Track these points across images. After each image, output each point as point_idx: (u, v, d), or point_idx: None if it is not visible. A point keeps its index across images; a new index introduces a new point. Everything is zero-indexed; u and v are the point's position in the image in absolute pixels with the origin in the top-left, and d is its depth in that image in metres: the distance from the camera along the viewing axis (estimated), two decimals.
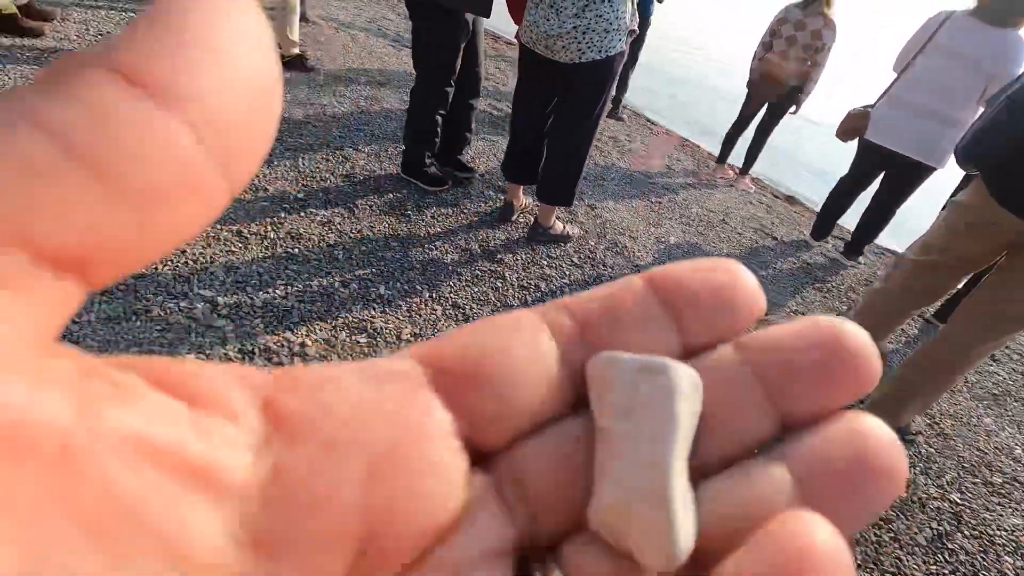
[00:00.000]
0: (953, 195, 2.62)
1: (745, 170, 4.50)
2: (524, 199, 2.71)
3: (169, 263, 1.85)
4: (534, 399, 0.14)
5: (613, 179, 3.60)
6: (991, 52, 2.52)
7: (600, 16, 1.96)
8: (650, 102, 6.52)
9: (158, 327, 1.62)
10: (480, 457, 0.14)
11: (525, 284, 2.27)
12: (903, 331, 2.84)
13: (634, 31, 2.07)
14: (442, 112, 2.54)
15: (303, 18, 4.59)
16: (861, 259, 3.61)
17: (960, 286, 2.05)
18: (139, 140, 0.09)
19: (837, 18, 3.66)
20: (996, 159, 1.51)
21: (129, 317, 1.62)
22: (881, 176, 3.17)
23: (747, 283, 0.15)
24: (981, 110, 2.55)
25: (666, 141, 5.17)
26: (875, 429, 0.14)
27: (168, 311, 1.68)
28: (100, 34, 3.29)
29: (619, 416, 0.14)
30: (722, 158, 4.54)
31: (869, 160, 3.12)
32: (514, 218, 2.65)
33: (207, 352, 1.59)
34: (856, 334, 0.14)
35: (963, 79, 2.63)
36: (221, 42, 0.10)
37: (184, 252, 1.91)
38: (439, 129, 2.59)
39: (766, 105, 4.10)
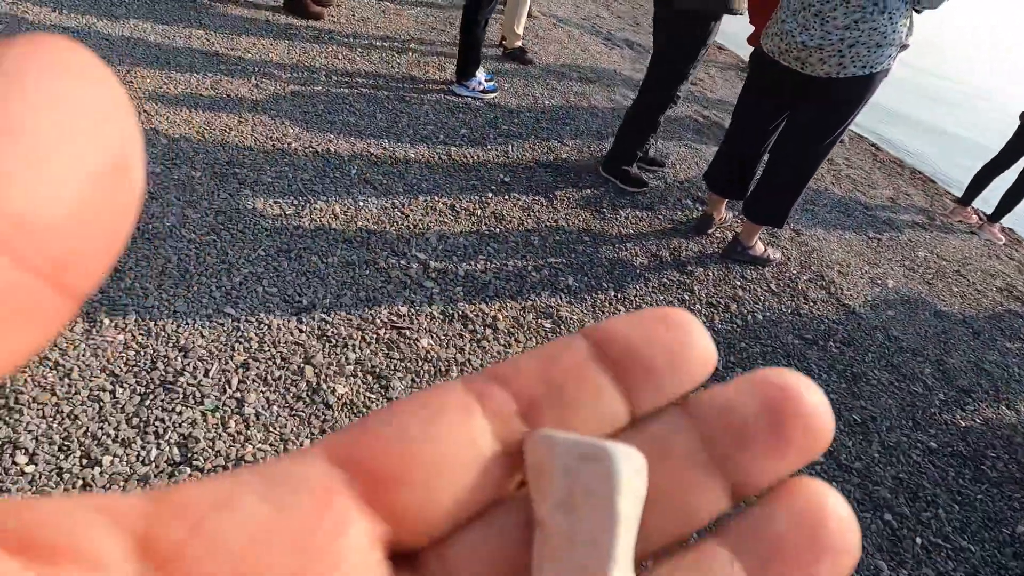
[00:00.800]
0: None
1: (996, 217, 3.75)
2: (725, 213, 2.57)
3: (395, 224, 2.10)
4: (466, 490, 0.12)
5: (825, 205, 3.25)
6: None
7: (875, 29, 1.75)
8: (878, 125, 5.73)
9: (381, 279, 1.85)
10: (409, 556, 0.12)
11: (714, 302, 2.16)
12: None
13: (906, 46, 1.83)
14: (661, 116, 2.52)
15: (529, 13, 4.83)
16: None
17: None
18: None
19: None
20: None
21: (362, 265, 1.87)
22: None
23: (699, 339, 0.14)
24: None
25: (894, 171, 4.51)
26: (829, 504, 0.12)
27: (390, 266, 1.91)
28: (363, 19, 3.81)
29: (557, 508, 0.12)
30: (966, 199, 3.84)
31: None
32: (711, 231, 2.53)
33: (416, 308, 1.78)
34: (807, 390, 0.13)
35: None
36: (45, 125, 0.08)
37: (407, 216, 2.15)
38: (656, 131, 2.58)
39: None
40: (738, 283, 2.30)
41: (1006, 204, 3.65)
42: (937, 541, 1.51)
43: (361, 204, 2.15)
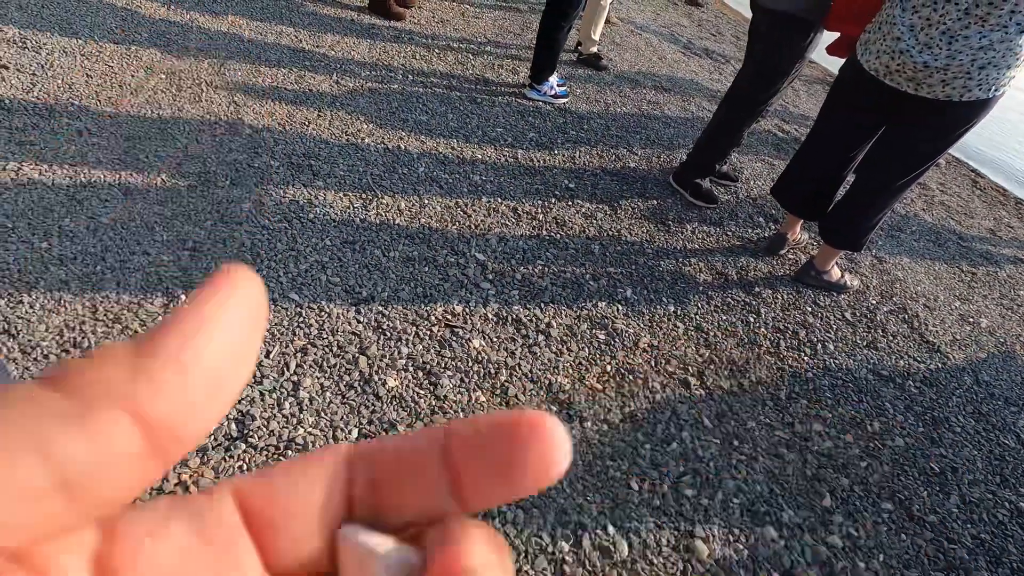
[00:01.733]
0: None
1: None
2: (800, 234, 2.44)
3: (457, 223, 2.12)
4: (314, 555, 0.14)
5: (913, 232, 3.02)
6: None
7: (1010, 50, 1.59)
8: (982, 150, 5.26)
9: (439, 276, 1.87)
10: None
11: (781, 327, 2.05)
12: None
13: None
14: (746, 130, 2.42)
15: (607, 19, 4.78)
16: None
17: None
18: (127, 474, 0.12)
19: None
20: None
21: (421, 261, 1.90)
22: None
23: (547, 448, 0.13)
24: None
25: (996, 200, 4.13)
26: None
27: (449, 264, 1.93)
28: (442, 21, 3.89)
29: None
30: None
31: None
32: (783, 252, 2.40)
33: (471, 308, 1.78)
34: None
35: None
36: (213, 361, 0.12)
37: (469, 216, 2.17)
38: (736, 145, 2.48)
39: None
40: (809, 309, 2.17)
41: None
42: None
43: (426, 201, 2.18)
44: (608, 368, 1.71)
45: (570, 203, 2.42)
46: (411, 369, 1.54)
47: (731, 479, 1.49)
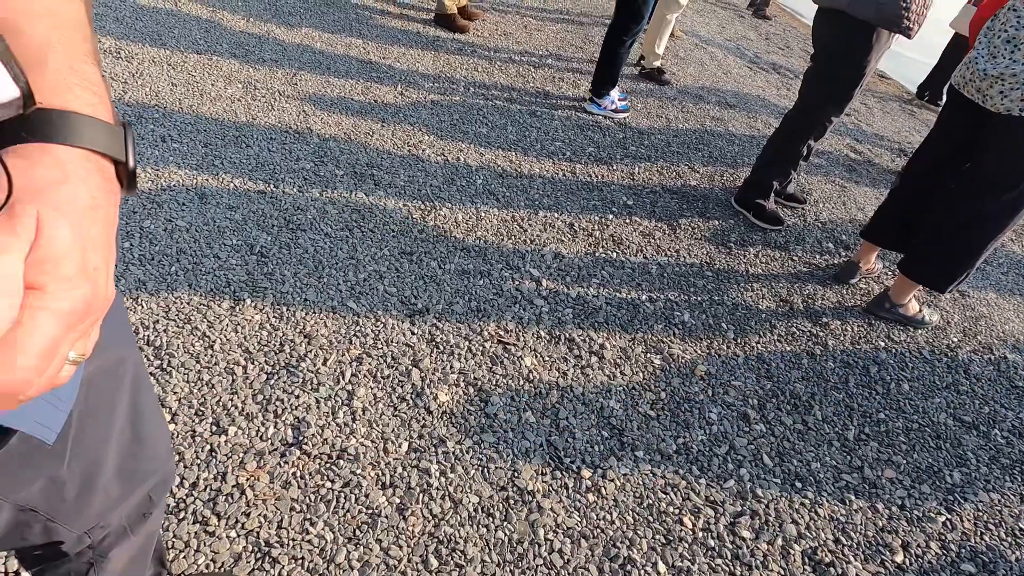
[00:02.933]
0: None
1: None
2: (875, 263, 2.29)
3: (512, 238, 2.11)
4: None
5: (1001, 265, 2.79)
6: None
7: None
8: None
9: (494, 291, 1.86)
10: None
11: (850, 361, 1.93)
12: None
13: None
14: (812, 145, 2.32)
15: (672, 33, 4.70)
16: None
17: None
18: None
19: None
20: None
21: (477, 275, 1.90)
22: None
23: None
24: None
25: None
26: None
27: (503, 279, 1.92)
28: (505, 34, 3.92)
29: None
30: None
31: None
32: (854, 281, 2.27)
33: (524, 325, 1.76)
34: None
35: None
36: None
37: (525, 231, 2.16)
38: (800, 163, 2.37)
39: None
40: (882, 344, 2.03)
41: None
42: None
43: (483, 214, 2.19)
44: (663, 395, 1.66)
45: (628, 221, 2.37)
46: (462, 385, 1.53)
47: (792, 523, 1.40)
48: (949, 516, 1.50)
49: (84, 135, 0.31)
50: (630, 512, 1.34)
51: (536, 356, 1.68)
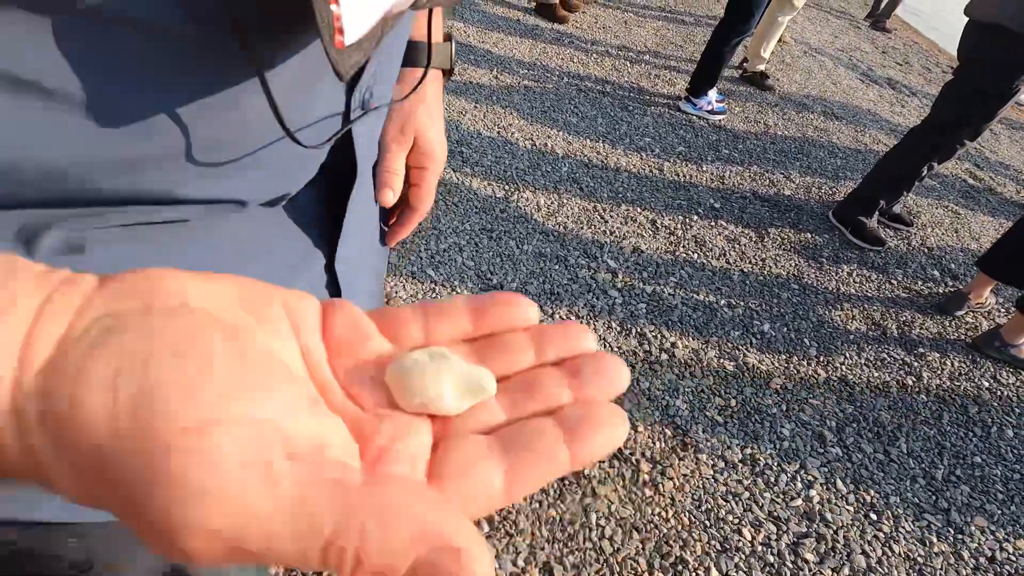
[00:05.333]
0: None
1: None
2: (988, 297, 2.09)
3: (592, 227, 2.09)
4: None
5: None
6: None
7: None
8: None
9: (568, 277, 1.86)
10: None
11: (946, 397, 1.77)
12: None
13: None
14: (935, 166, 2.14)
15: (780, 38, 4.48)
16: None
17: None
18: None
19: None
20: None
21: (553, 259, 1.90)
22: None
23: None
24: None
25: None
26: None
27: (579, 266, 1.91)
28: (604, 27, 3.88)
29: None
30: None
31: None
32: (960, 313, 2.08)
33: (596, 314, 1.75)
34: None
35: None
36: None
37: (606, 222, 2.13)
38: (916, 184, 2.20)
39: None
40: (986, 384, 1.85)
41: None
42: None
43: (565, 201, 2.18)
44: (733, 403, 1.59)
45: (713, 223, 2.29)
46: None
47: (862, 555, 1.31)
48: None
49: (435, 59, 0.47)
50: (687, 513, 1.30)
51: (605, 346, 1.66)
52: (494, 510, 0.18)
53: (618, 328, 1.72)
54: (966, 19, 1.99)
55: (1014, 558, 1.39)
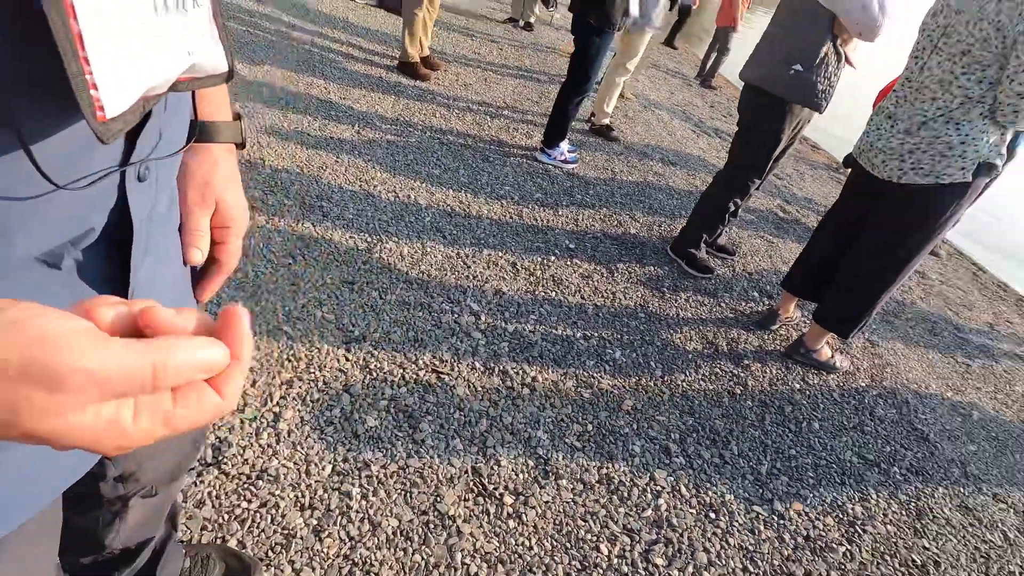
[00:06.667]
0: None
1: None
2: (794, 312, 2.47)
3: (456, 273, 2.18)
4: None
5: (908, 319, 3.04)
6: None
7: (937, 137, 1.71)
8: (985, 245, 5.34)
9: (432, 322, 1.91)
10: None
11: (767, 401, 2.05)
12: None
13: (994, 166, 1.73)
14: (738, 202, 2.51)
15: (621, 94, 5.03)
16: None
17: None
18: None
19: None
20: None
21: (417, 306, 1.95)
22: None
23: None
24: None
25: (996, 295, 4.16)
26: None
27: (443, 311, 1.98)
28: (465, 84, 4.13)
29: None
30: None
31: None
32: (775, 328, 2.43)
33: (459, 356, 1.81)
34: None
35: None
36: None
37: (469, 268, 2.24)
38: (728, 218, 2.56)
39: None
40: (797, 386, 2.17)
41: None
42: None
43: (428, 250, 2.26)
44: (589, 427, 1.72)
45: (569, 263, 2.49)
46: (392, 411, 1.56)
47: (704, 552, 1.46)
48: (849, 547, 1.60)
49: (226, 134, 0.56)
50: (549, 538, 1.38)
51: (469, 386, 1.72)
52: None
53: (481, 368, 1.80)
54: None
55: (824, 533, 1.62)
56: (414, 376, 1.68)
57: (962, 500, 1.89)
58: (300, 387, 1.53)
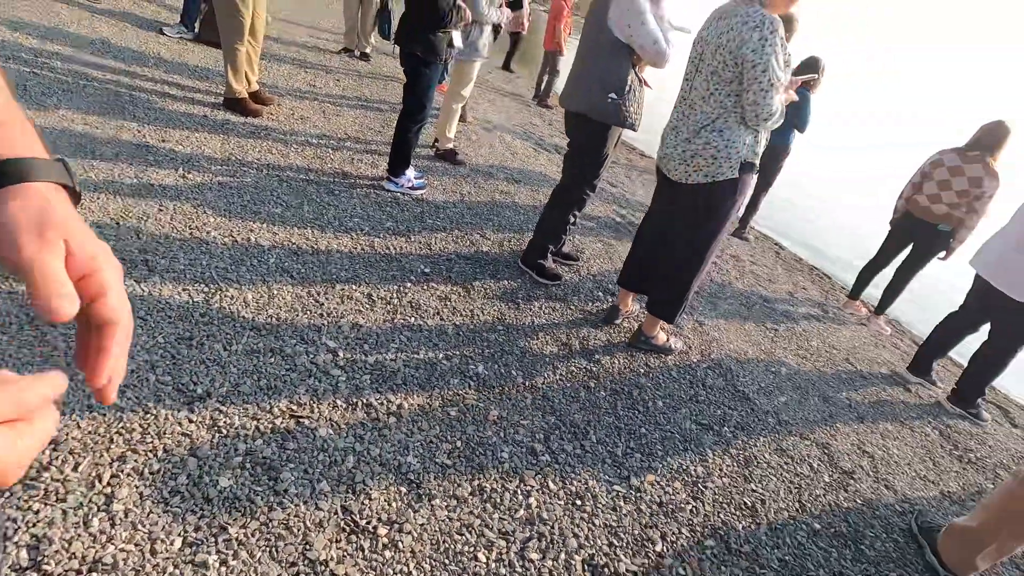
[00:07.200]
0: None
1: (880, 309, 4.16)
2: (632, 305, 2.76)
3: (308, 312, 2.13)
4: None
5: (728, 298, 3.53)
6: None
7: (708, 144, 2.06)
8: (781, 226, 6.36)
9: (286, 366, 1.85)
10: None
11: (618, 389, 2.27)
12: None
13: (753, 163, 2.11)
14: (576, 214, 2.74)
15: (462, 118, 5.23)
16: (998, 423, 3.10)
17: None
18: None
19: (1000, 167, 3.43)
20: None
21: (267, 353, 1.87)
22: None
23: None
24: None
25: (794, 267, 4.97)
26: None
27: (297, 353, 1.92)
28: (302, 118, 4.02)
29: None
30: (855, 293, 4.26)
31: (975, 293, 2.89)
32: (618, 322, 2.69)
33: (319, 397, 1.77)
34: None
35: None
36: None
37: (321, 305, 2.19)
38: (568, 228, 2.79)
39: (911, 245, 3.85)
40: (642, 371, 2.43)
41: (887, 298, 4.06)
42: None
43: (275, 292, 2.17)
44: (459, 444, 1.78)
45: (425, 287, 2.54)
46: (248, 466, 1.48)
47: (573, 537, 1.58)
48: (694, 504, 1.83)
49: (51, 173, 0.43)
50: (427, 559, 1.40)
51: (332, 425, 1.69)
52: None
53: (343, 405, 1.78)
54: None
55: (674, 497, 1.83)
56: (270, 425, 1.62)
57: (778, 444, 2.25)
58: (136, 460, 1.39)
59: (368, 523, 1.44)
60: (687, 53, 2.24)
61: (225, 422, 1.58)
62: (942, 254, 3.68)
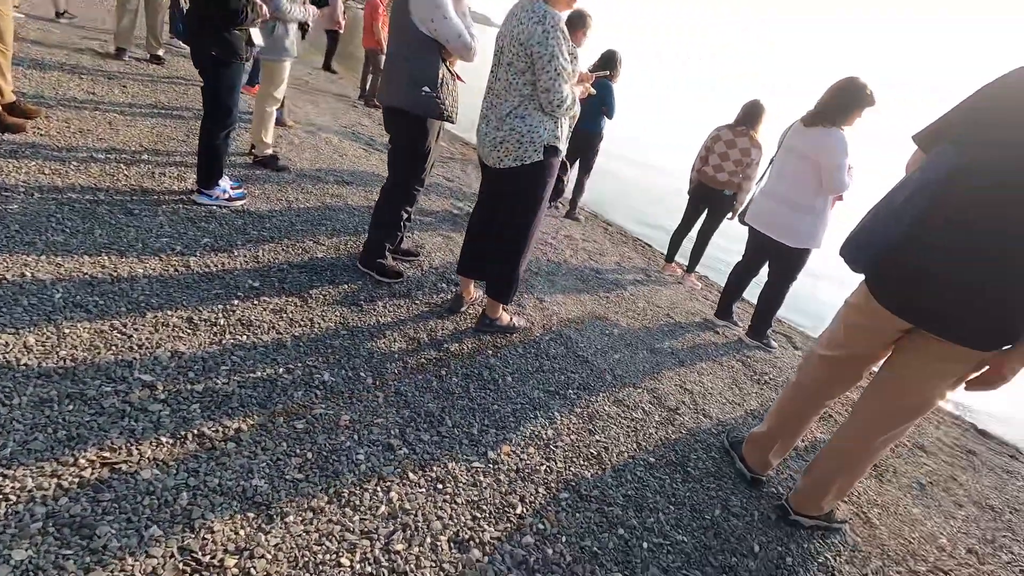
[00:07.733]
0: None
1: (691, 268, 4.80)
2: (475, 292, 2.86)
3: (113, 347, 1.88)
4: None
5: (564, 275, 3.81)
6: (812, 146, 3.01)
7: (513, 129, 2.22)
8: (606, 205, 7.00)
9: (91, 411, 1.62)
10: None
11: (470, 372, 2.35)
12: (834, 419, 2.97)
13: (556, 147, 2.29)
14: (408, 210, 2.75)
15: (279, 122, 4.93)
16: (775, 346, 3.80)
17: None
18: None
19: (763, 137, 4.13)
20: (871, 259, 1.69)
21: (63, 400, 1.62)
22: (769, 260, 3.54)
23: None
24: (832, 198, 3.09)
25: (620, 240, 5.50)
26: None
27: (103, 395, 1.69)
28: (82, 131, 3.48)
29: None
30: (669, 257, 4.86)
31: (752, 243, 3.50)
32: (463, 310, 2.77)
33: (137, 437, 1.59)
34: None
35: (797, 169, 3.10)
36: None
37: (130, 337, 1.95)
38: (403, 225, 2.78)
39: (706, 210, 4.48)
40: (490, 352, 2.54)
41: (694, 257, 4.70)
42: (659, 541, 1.79)
43: (66, 332, 1.89)
44: (310, 455, 1.71)
45: (256, 302, 2.38)
46: (52, 530, 1.28)
47: (437, 520, 1.62)
48: (547, 463, 1.97)
49: None
50: None
51: (158, 465, 1.53)
52: None
53: (170, 440, 1.61)
54: None
55: (528, 461, 1.96)
56: (76, 480, 1.41)
57: (615, 396, 2.50)
58: None
59: (213, 558, 1.34)
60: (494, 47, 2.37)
61: (13, 487, 1.35)
62: (730, 215, 4.35)
